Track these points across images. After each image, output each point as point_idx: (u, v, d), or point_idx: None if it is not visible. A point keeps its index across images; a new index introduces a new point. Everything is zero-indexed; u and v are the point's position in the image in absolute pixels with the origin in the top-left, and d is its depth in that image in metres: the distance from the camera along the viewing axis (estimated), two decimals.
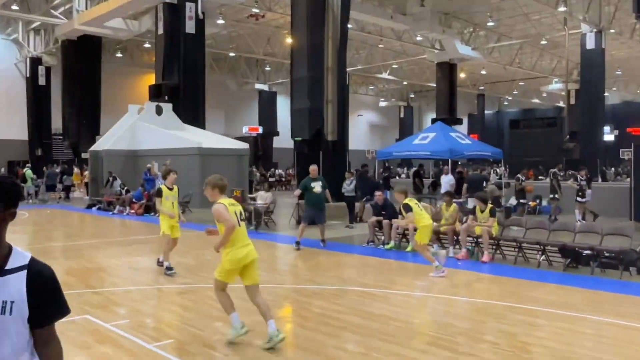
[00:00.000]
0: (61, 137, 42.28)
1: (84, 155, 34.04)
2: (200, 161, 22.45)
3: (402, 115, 67.50)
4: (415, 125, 68.51)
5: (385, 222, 12.16)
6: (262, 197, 16.03)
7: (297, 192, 12.59)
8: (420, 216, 9.38)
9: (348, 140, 29.37)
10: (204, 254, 11.34)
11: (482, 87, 62.08)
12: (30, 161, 35.25)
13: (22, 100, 41.29)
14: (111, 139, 26.19)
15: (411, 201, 9.47)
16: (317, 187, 12.02)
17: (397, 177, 44.03)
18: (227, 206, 5.73)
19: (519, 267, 9.89)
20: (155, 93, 28.93)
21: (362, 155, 52.02)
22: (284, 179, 41.43)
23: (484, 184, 15.79)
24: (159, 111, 27.24)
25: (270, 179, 38.97)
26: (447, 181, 16.57)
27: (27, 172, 25.65)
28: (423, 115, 73.76)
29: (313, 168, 12.28)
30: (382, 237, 12.39)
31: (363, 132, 66.96)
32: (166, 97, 28.10)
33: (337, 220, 17.92)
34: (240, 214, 5.81)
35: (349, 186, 15.98)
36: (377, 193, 12.81)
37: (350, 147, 31.22)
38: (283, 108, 51.50)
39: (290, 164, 46.56)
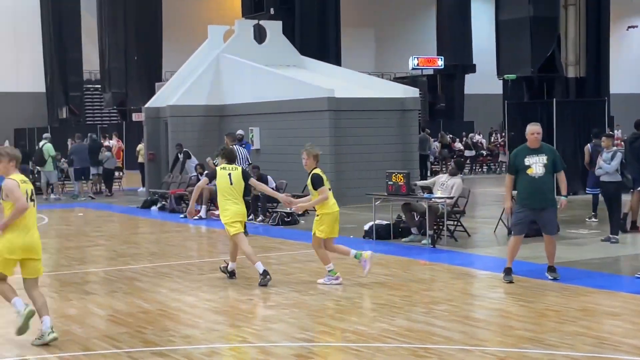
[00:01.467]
0: (98, 86, 45.78)
1: (136, 117, 36.56)
2: (332, 121, 23.00)
3: None
4: None
5: None
6: (443, 186, 16.01)
7: (509, 186, 12.28)
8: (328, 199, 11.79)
9: (608, 78, 28.28)
10: (341, 287, 11.63)
11: None
12: (49, 129, 38.28)
13: (33, 28, 45.13)
14: (180, 87, 27.77)
15: (323, 173, 11.89)
16: (536, 165, 11.66)
17: None
18: (19, 183, 8.58)
19: None
20: (254, 4, 30.16)
21: (636, 105, 49.76)
22: (484, 153, 41.01)
23: None
24: (259, 36, 28.31)
25: (462, 152, 38.79)
26: None
27: (47, 146, 27.82)
28: None
29: (532, 129, 11.88)
30: None
31: (639, 60, 63.87)
32: (272, 11, 29.17)
33: (585, 229, 17.38)
34: (32, 193, 8.74)
35: (608, 164, 15.36)
36: None
37: (613, 89, 29.99)
38: (482, 23, 50.83)
39: (496, 124, 45.89)
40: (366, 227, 16.79)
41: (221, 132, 26.66)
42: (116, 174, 31.35)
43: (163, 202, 23.87)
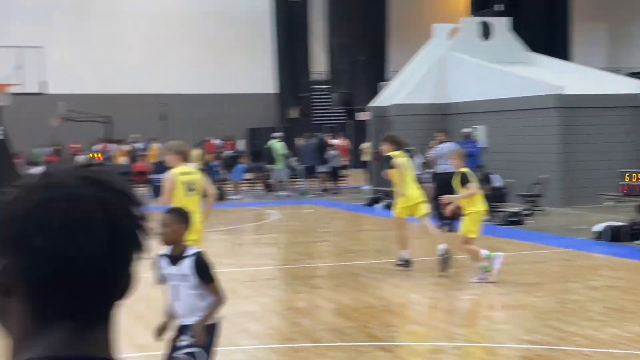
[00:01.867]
0: (325, 87, 46.96)
1: (361, 116, 37.26)
2: (560, 119, 22.41)
3: None
4: None
5: None
6: None
7: None
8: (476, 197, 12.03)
9: None
10: (569, 289, 11.41)
11: None
12: (279, 128, 39.68)
13: (265, 32, 46.92)
14: (405, 86, 28.02)
15: (471, 173, 12.08)
16: None
17: None
18: (178, 176, 9.19)
19: None
20: (480, 1, 29.93)
21: None
22: None
23: None
24: (485, 32, 28.09)
25: None
26: None
27: (276, 145, 29.10)
28: None
29: None
30: None
31: None
32: (497, 7, 28.82)
33: None
34: (190, 183, 9.29)
35: None
36: None
37: None
38: None
39: None
40: (597, 228, 16.25)
41: (446, 131, 26.69)
42: (342, 172, 32.08)
43: (387, 201, 24.21)
